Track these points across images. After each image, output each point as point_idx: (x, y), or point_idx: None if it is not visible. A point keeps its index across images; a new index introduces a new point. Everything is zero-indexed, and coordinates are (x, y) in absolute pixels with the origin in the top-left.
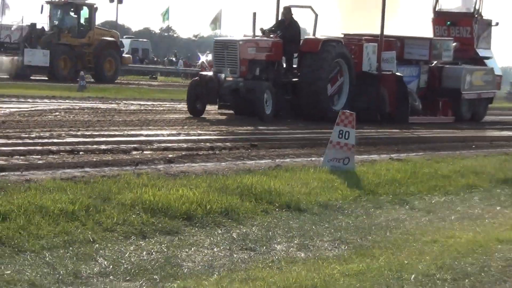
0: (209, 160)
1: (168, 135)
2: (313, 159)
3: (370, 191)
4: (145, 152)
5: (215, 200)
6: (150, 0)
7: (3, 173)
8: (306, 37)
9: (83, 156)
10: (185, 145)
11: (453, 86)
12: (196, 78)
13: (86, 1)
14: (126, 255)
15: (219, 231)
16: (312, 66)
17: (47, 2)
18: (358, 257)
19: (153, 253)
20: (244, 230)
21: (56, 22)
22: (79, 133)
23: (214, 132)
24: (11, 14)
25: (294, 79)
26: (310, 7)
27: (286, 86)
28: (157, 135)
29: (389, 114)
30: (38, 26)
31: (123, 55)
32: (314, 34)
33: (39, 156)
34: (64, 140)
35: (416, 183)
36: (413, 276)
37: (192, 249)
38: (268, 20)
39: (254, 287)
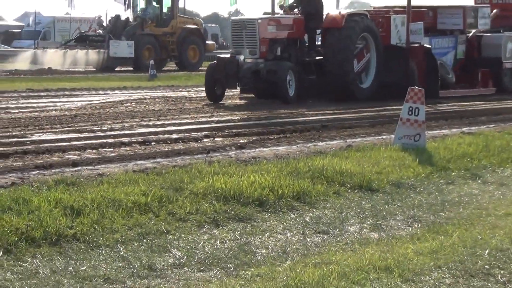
0: (280, 143)
1: (239, 120)
2: (384, 137)
3: (442, 167)
4: (216, 139)
5: (287, 185)
6: None
7: (76, 168)
8: (328, 12)
9: (155, 147)
10: (255, 130)
11: (493, 55)
12: (214, 62)
13: None
14: (200, 244)
15: (292, 216)
16: (337, 42)
17: None
18: (432, 235)
19: (227, 241)
20: (316, 213)
21: (139, 13)
22: (150, 123)
23: (284, 115)
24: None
25: (318, 58)
26: None
27: (310, 66)
28: (228, 121)
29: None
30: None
31: (207, 42)
32: (337, 8)
33: (111, 149)
34: (136, 131)
35: (488, 156)
36: (487, 251)
37: (265, 235)
38: None
39: (328, 271)
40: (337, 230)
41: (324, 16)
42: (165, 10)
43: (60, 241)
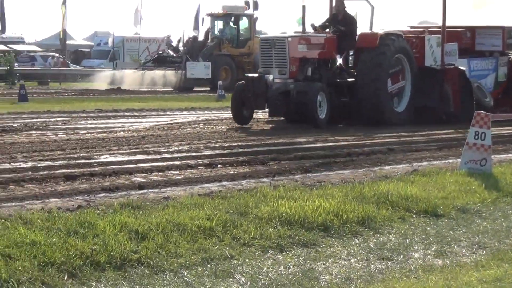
0: (346, 167)
1: (305, 142)
2: (450, 161)
3: (508, 192)
4: (282, 161)
5: (352, 210)
6: (285, 5)
7: (142, 191)
8: (362, 31)
9: (221, 169)
10: (322, 153)
11: None
12: (242, 82)
13: (246, 12)
14: (264, 270)
15: (356, 241)
16: (370, 63)
17: (208, 14)
18: (496, 262)
19: (290, 266)
20: (381, 239)
21: (217, 33)
22: (217, 145)
23: (351, 138)
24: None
25: (350, 79)
26: None
27: (342, 87)
28: (295, 143)
29: (454, 113)
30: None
31: None
32: (370, 29)
33: (178, 172)
34: (203, 153)
35: None
36: None
37: (329, 261)
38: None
39: None
40: (401, 256)
41: (357, 36)
42: (242, 31)
43: (124, 266)
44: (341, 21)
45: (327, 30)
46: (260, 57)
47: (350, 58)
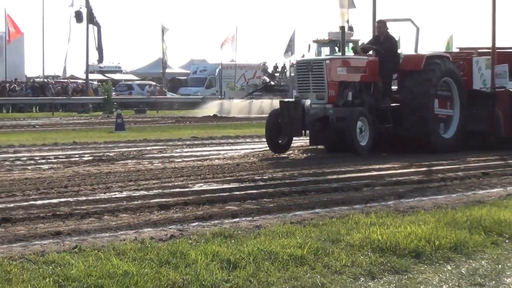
0: (439, 192)
1: (399, 167)
2: None
3: None
4: (375, 188)
5: (444, 235)
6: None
7: (235, 220)
8: (406, 53)
9: (314, 196)
10: (416, 178)
11: None
12: (277, 108)
13: (351, 38)
14: None
15: (448, 267)
16: (415, 87)
17: (314, 41)
18: None
19: None
20: (473, 265)
21: None
22: (311, 171)
23: (446, 162)
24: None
25: (394, 104)
26: (410, 20)
27: (386, 113)
28: (389, 169)
29: (506, 138)
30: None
31: None
32: (416, 51)
33: (271, 199)
34: (296, 180)
35: None
36: None
37: (421, 287)
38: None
39: None
40: (493, 282)
41: (400, 59)
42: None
43: None
44: (383, 42)
45: (370, 52)
46: (296, 81)
47: (394, 83)
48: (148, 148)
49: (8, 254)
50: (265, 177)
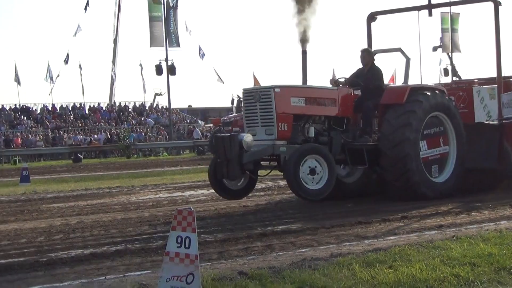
0: None
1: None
2: None
3: None
4: None
5: None
6: None
7: None
8: (388, 85)
9: None
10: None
11: None
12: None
13: None
14: None
15: None
16: (395, 122)
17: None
18: None
19: None
20: None
21: None
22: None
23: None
24: None
25: (371, 143)
26: (399, 49)
27: (361, 152)
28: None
29: None
30: None
31: None
32: (406, 83)
33: None
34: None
35: None
36: None
37: None
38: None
39: None
40: None
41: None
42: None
43: None
44: (366, 74)
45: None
46: (244, 114)
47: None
48: None
49: (407, 242)
50: None
